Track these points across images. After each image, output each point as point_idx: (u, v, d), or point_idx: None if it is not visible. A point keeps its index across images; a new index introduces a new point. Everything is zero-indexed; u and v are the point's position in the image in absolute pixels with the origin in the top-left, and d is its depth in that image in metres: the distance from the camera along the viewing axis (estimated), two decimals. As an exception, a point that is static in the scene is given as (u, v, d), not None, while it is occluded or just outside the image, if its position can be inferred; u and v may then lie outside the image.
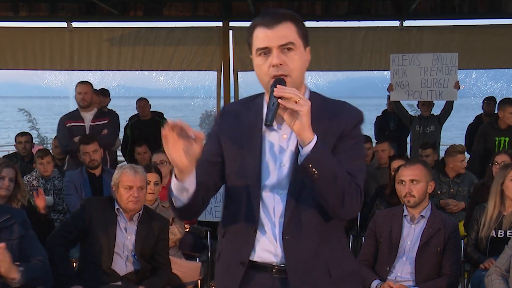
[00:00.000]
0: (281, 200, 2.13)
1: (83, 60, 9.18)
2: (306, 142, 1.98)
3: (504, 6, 8.79)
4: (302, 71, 2.12)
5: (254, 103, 2.24)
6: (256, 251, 2.16)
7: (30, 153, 7.72)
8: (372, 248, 4.19)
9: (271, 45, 2.06)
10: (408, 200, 4.14)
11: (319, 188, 2.03)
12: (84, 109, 6.60)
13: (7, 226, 3.75)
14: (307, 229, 2.13)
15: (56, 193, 6.03)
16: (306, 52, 2.14)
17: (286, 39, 2.06)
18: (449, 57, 7.61)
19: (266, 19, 2.09)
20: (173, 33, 9.05)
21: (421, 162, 4.45)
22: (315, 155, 1.98)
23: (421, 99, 7.74)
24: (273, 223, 2.14)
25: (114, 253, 4.09)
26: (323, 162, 2.00)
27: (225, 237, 2.26)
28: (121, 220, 4.17)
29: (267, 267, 2.16)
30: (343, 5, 8.91)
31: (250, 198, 2.15)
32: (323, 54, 8.96)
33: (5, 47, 9.19)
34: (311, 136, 1.98)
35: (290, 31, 2.08)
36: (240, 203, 2.17)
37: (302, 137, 1.98)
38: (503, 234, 4.51)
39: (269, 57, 2.07)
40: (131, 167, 4.25)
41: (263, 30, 2.08)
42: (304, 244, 2.13)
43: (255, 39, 2.10)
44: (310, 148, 1.97)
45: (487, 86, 31.61)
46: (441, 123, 7.87)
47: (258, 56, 2.10)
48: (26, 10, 9.16)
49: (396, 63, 7.68)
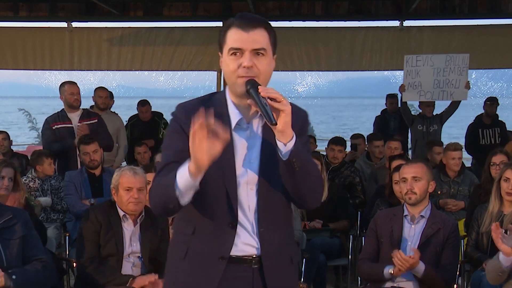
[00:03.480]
0: (253, 195, 2.25)
1: (83, 60, 9.17)
2: (288, 139, 2.12)
3: (504, 6, 8.79)
4: (268, 76, 2.24)
5: (214, 101, 2.30)
6: (237, 245, 2.25)
7: (9, 150, 7.76)
8: (374, 247, 4.19)
9: (245, 48, 2.17)
10: (409, 197, 4.13)
11: (297, 180, 2.18)
12: (71, 110, 6.55)
13: (9, 226, 3.75)
14: (276, 221, 2.30)
15: (53, 192, 6.03)
16: (273, 60, 2.27)
17: (260, 44, 2.18)
18: (461, 57, 7.72)
19: (242, 22, 2.19)
20: (173, 33, 9.05)
21: (423, 161, 4.47)
22: (297, 150, 2.14)
23: (432, 99, 7.79)
24: (249, 217, 2.26)
25: (123, 260, 4.11)
26: (303, 156, 2.17)
27: (196, 233, 2.29)
28: (126, 226, 4.17)
29: (247, 259, 2.27)
30: (343, 5, 8.91)
31: (226, 195, 2.23)
32: (323, 54, 8.97)
33: (5, 47, 9.19)
34: (292, 133, 2.13)
35: (263, 38, 2.21)
36: (215, 199, 2.25)
37: (285, 134, 2.12)
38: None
39: (239, 58, 2.18)
40: (130, 169, 4.25)
41: (239, 32, 2.18)
42: (275, 235, 2.30)
43: (229, 38, 2.20)
44: (293, 144, 2.12)
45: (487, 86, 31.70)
46: (442, 121, 7.89)
47: (230, 55, 2.19)
48: (26, 10, 9.16)
49: (409, 64, 7.73)
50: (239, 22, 2.19)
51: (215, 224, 2.25)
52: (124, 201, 4.12)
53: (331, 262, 5.62)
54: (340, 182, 6.53)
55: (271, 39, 2.23)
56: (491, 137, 8.64)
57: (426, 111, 7.91)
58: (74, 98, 6.52)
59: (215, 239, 2.25)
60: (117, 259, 4.09)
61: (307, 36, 8.94)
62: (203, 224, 2.27)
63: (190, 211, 2.27)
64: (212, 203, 2.25)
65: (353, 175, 6.70)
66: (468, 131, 8.87)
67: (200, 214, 2.27)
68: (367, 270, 4.18)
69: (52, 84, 29.34)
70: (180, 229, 2.37)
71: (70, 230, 5.51)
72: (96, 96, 7.84)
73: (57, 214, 6.00)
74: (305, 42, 8.90)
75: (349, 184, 6.63)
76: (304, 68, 9.20)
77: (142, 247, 4.14)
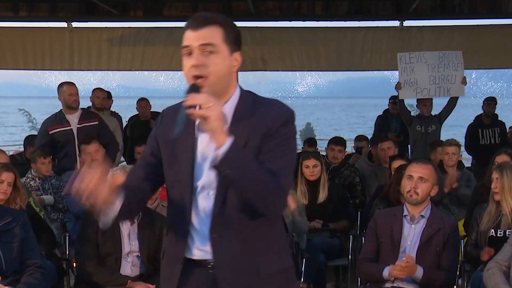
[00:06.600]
0: (211, 200, 2.21)
1: (83, 60, 9.16)
2: (219, 145, 2.05)
3: (504, 6, 8.78)
4: (225, 74, 2.18)
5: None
6: (192, 249, 2.25)
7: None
8: (373, 247, 4.19)
9: (192, 44, 2.16)
10: (410, 195, 4.12)
11: (237, 188, 2.11)
12: (70, 111, 6.48)
13: (9, 229, 3.75)
14: (234, 227, 2.20)
15: (54, 191, 6.03)
16: (233, 57, 2.20)
17: (206, 40, 2.15)
18: (454, 54, 7.71)
19: (194, 22, 2.18)
20: (173, 33, 9.03)
21: (433, 164, 4.46)
22: (227, 157, 2.04)
23: (429, 96, 7.75)
24: (204, 222, 2.23)
25: (122, 259, 4.12)
26: (237, 164, 2.06)
27: (167, 235, 2.37)
28: (123, 225, 4.17)
29: (202, 263, 2.25)
30: (343, 5, 8.90)
31: (183, 199, 2.24)
32: (323, 54, 8.96)
33: (5, 47, 9.18)
34: (224, 139, 2.04)
35: (213, 34, 2.16)
36: (176, 203, 2.28)
37: (215, 140, 2.06)
38: (502, 233, 4.52)
39: (190, 58, 2.16)
40: (121, 168, 4.28)
41: (189, 31, 2.18)
42: (231, 242, 2.20)
43: (183, 39, 2.20)
44: (222, 151, 2.04)
45: (487, 86, 31.75)
46: (441, 121, 7.87)
47: (184, 56, 2.19)
48: (26, 10, 9.15)
49: (403, 61, 7.71)
50: (190, 23, 2.19)
51: (175, 227, 2.30)
52: None
53: (331, 262, 5.62)
54: (340, 182, 6.53)
55: (226, 35, 2.17)
56: (491, 137, 8.64)
57: (424, 111, 7.89)
58: (73, 99, 6.46)
59: (175, 241, 2.30)
60: (116, 258, 4.09)
61: (307, 36, 8.93)
62: (170, 226, 2.35)
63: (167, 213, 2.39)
64: (175, 207, 2.29)
65: (353, 175, 6.70)
66: (468, 131, 8.88)
67: (168, 217, 2.36)
68: (366, 271, 4.19)
69: (52, 84, 29.31)
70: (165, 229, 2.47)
71: (70, 230, 5.51)
72: (93, 97, 7.82)
73: (58, 213, 6.00)
74: (305, 42, 8.89)
75: (349, 184, 6.63)
76: (304, 68, 9.20)
77: (140, 246, 4.14)
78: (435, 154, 6.89)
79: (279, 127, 2.17)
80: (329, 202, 5.68)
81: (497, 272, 3.90)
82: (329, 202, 5.68)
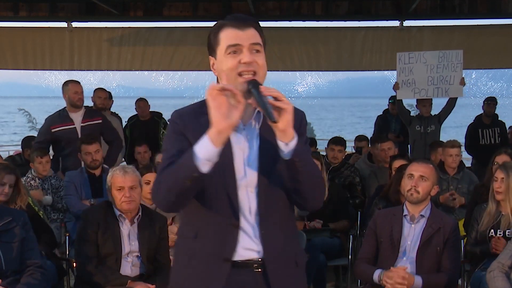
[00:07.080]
0: (254, 198, 2.24)
1: (83, 60, 9.16)
2: (290, 138, 2.10)
3: (504, 6, 8.78)
4: (266, 72, 2.25)
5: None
6: (238, 248, 2.24)
7: None
8: (372, 247, 4.18)
9: (243, 43, 2.18)
10: (411, 194, 4.12)
11: (299, 181, 2.18)
12: (74, 110, 6.47)
13: (9, 229, 3.74)
14: (277, 223, 2.28)
15: (53, 192, 6.03)
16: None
17: (255, 39, 2.21)
18: (454, 54, 7.68)
19: (236, 22, 2.21)
20: (173, 33, 9.05)
21: (433, 163, 4.47)
22: (299, 150, 2.12)
23: (427, 96, 7.74)
24: (250, 220, 2.25)
25: (122, 259, 4.12)
26: (306, 156, 2.18)
27: (199, 237, 2.27)
28: (123, 226, 4.18)
29: (249, 263, 2.25)
30: (343, 5, 8.90)
31: (228, 197, 2.22)
32: (323, 54, 8.97)
33: (5, 47, 9.18)
34: (293, 132, 2.11)
35: (258, 35, 2.23)
36: (216, 203, 2.23)
37: (287, 133, 2.09)
38: (502, 234, 4.52)
39: (238, 55, 2.18)
40: (121, 168, 4.29)
41: (234, 30, 2.20)
42: (277, 238, 2.27)
43: (224, 38, 2.20)
44: (295, 143, 2.11)
45: (487, 86, 31.72)
46: (440, 121, 7.86)
47: (227, 54, 2.19)
48: (26, 10, 9.15)
49: (402, 61, 7.70)
50: (233, 22, 2.21)
51: (217, 227, 2.24)
52: (117, 200, 4.15)
53: (331, 262, 5.62)
54: (340, 182, 6.53)
55: (262, 39, 2.25)
56: (491, 137, 8.64)
57: (423, 111, 7.89)
58: (78, 97, 6.44)
59: (218, 242, 2.24)
60: (116, 258, 4.09)
61: (307, 36, 8.94)
62: (205, 228, 2.26)
63: (192, 215, 2.29)
64: (213, 207, 2.24)
65: (353, 175, 6.70)
66: (468, 131, 8.88)
67: (201, 218, 2.27)
68: (360, 273, 4.20)
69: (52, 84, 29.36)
70: (183, 233, 2.36)
71: (70, 230, 5.51)
72: (95, 97, 7.84)
73: (57, 213, 6.00)
74: (305, 42, 8.90)
75: (349, 184, 6.63)
76: (304, 68, 9.20)
77: (140, 246, 4.14)
78: (435, 154, 6.88)
79: (300, 126, 2.28)
80: (329, 202, 5.68)
81: (498, 274, 3.89)
82: (329, 202, 5.68)
